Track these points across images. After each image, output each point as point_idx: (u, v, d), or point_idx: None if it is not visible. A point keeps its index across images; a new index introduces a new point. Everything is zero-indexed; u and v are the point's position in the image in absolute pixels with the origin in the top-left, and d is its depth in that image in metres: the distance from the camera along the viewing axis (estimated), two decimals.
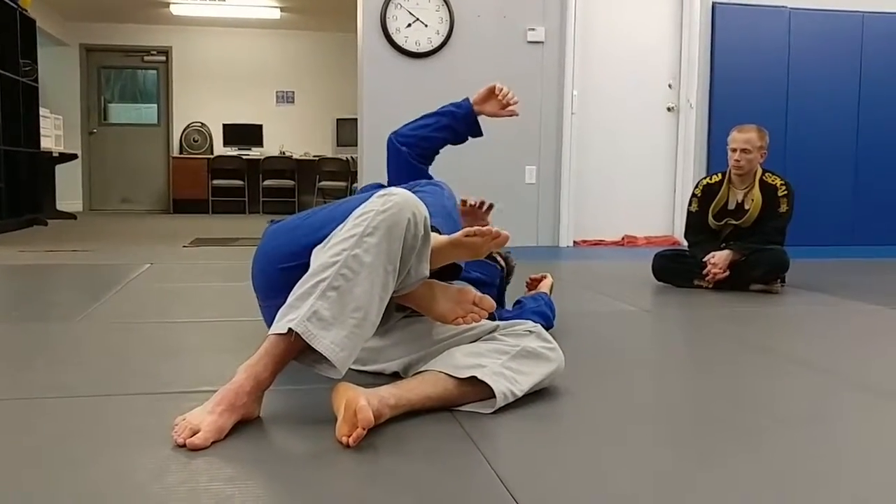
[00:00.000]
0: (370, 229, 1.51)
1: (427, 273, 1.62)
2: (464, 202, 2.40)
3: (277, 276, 1.83)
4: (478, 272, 2.20)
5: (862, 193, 6.18)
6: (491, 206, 2.46)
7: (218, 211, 9.89)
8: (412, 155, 2.32)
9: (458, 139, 2.40)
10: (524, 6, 5.67)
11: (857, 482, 1.32)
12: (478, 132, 2.41)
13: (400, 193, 1.57)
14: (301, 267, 1.62)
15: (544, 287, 2.61)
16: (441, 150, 2.43)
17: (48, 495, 1.19)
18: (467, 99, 2.37)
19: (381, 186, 2.30)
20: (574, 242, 5.88)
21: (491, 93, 2.36)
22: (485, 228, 1.63)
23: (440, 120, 2.34)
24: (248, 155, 9.99)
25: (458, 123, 2.35)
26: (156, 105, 10.33)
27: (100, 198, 10.20)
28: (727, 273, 3.50)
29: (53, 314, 2.78)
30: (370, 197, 1.62)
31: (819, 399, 1.84)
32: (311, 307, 1.46)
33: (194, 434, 1.37)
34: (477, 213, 2.43)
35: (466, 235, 1.64)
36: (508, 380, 1.61)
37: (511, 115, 2.39)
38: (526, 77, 5.66)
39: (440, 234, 1.71)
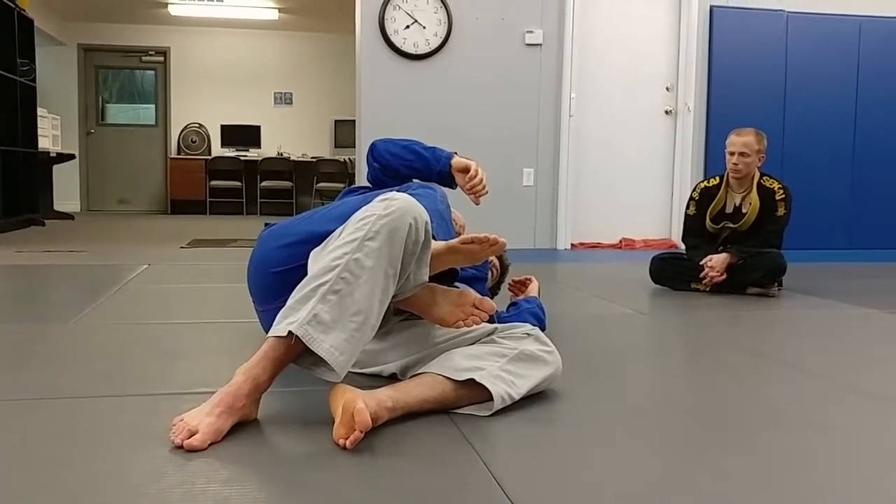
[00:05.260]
0: (372, 233, 1.51)
1: (426, 278, 1.63)
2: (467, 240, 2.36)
3: (272, 280, 1.83)
4: (471, 268, 2.20)
5: (859, 197, 6.19)
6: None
7: (215, 212, 9.88)
8: (385, 172, 2.29)
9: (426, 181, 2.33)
10: (522, 9, 5.67)
11: (852, 486, 1.32)
12: (450, 186, 2.33)
13: (401, 198, 1.57)
14: (296, 270, 1.62)
15: (533, 292, 2.60)
16: None
17: (43, 496, 1.18)
18: (453, 155, 2.28)
19: (353, 190, 2.31)
20: (571, 245, 5.88)
21: (468, 170, 2.26)
22: (482, 235, 1.63)
23: (414, 163, 2.28)
24: (245, 156, 9.98)
25: (431, 174, 2.29)
26: (154, 106, 10.32)
27: (97, 198, 10.19)
28: (724, 276, 3.51)
29: (50, 315, 2.78)
30: (368, 200, 1.62)
31: (815, 403, 1.85)
32: (311, 310, 1.45)
33: (192, 435, 1.37)
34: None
35: (463, 242, 1.64)
36: (506, 383, 1.62)
37: (472, 200, 2.29)
38: (524, 79, 5.67)
39: (436, 239, 1.71)
